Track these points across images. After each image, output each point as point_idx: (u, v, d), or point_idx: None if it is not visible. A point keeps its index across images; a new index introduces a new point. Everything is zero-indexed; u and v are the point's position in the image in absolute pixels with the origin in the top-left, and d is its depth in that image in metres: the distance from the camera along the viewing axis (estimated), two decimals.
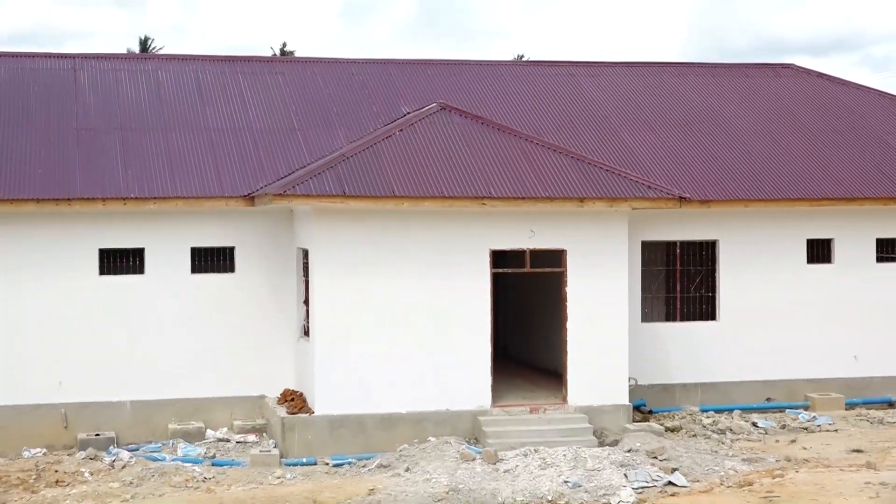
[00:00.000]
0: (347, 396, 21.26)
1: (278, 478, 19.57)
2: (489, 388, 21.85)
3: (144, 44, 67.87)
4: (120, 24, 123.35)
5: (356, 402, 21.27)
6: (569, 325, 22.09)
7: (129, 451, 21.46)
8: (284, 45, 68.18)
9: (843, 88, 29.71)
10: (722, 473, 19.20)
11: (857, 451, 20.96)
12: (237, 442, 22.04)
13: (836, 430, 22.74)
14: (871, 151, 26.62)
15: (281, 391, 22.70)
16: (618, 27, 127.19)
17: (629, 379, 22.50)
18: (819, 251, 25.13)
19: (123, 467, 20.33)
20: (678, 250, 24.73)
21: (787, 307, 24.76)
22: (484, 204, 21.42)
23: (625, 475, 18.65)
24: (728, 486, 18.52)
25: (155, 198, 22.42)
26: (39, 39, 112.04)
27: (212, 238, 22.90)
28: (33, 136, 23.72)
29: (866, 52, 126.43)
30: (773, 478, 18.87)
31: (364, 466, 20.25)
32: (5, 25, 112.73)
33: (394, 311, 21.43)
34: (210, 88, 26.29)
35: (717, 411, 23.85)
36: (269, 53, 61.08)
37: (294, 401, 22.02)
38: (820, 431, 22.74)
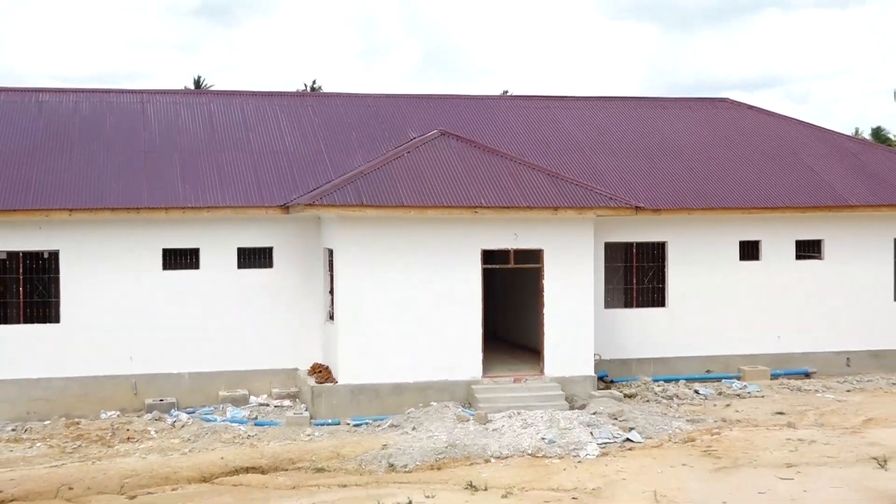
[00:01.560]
0: (365, 369, 21.26)
1: (308, 435, 19.72)
2: (480, 363, 21.80)
3: (198, 82, 67.88)
4: (179, 67, 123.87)
5: (372, 373, 21.26)
6: (545, 311, 22.05)
7: (187, 413, 21.69)
8: (315, 82, 68.15)
9: (769, 118, 29.65)
10: (670, 432, 19.30)
11: (780, 413, 21.08)
12: (275, 406, 22.03)
13: (762, 397, 22.84)
14: (791, 169, 26.53)
15: (310, 365, 22.63)
16: (587, 67, 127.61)
17: (594, 354, 22.45)
18: (749, 250, 25.09)
19: (182, 427, 20.56)
20: (634, 250, 24.69)
21: (723, 296, 24.76)
22: (476, 212, 21.40)
23: (591, 433, 18.72)
24: (675, 442, 18.67)
25: (208, 207, 22.40)
26: (115, 78, 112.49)
27: (254, 240, 22.87)
28: (109, 158, 23.70)
29: (788, 88, 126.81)
30: (712, 435, 19.09)
31: (378, 426, 20.30)
32: (88, 68, 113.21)
33: (402, 300, 21.40)
34: (252, 118, 26.24)
35: (666, 381, 23.80)
36: (301, 89, 60.82)
37: (321, 372, 22.01)
38: (750, 397, 22.79)
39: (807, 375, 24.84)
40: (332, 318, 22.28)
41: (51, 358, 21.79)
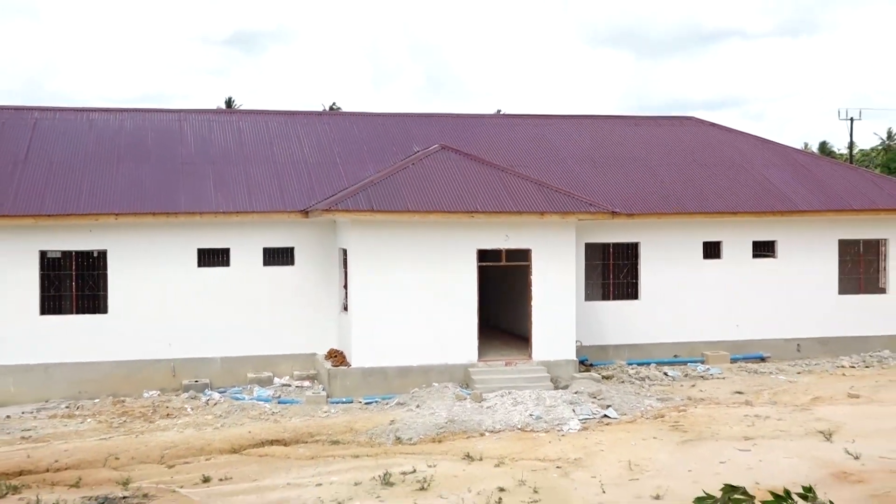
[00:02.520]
0: (375, 354, 21.21)
1: (325, 412, 19.76)
2: (476, 348, 21.76)
3: (229, 102, 67.75)
4: (211, 89, 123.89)
5: (381, 357, 21.21)
6: (533, 303, 21.99)
7: (218, 393, 21.67)
8: (334, 103, 68.08)
9: (729, 134, 29.58)
10: (642, 409, 19.36)
11: (739, 392, 21.13)
12: (296, 386, 21.99)
13: (723, 378, 22.83)
14: (748, 179, 26.48)
15: (327, 350, 22.55)
16: (570, 89, 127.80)
17: (576, 341, 22.39)
18: (711, 250, 25.04)
19: (215, 404, 20.61)
20: (611, 249, 24.63)
21: (688, 290, 24.69)
22: (472, 216, 21.38)
23: (573, 410, 18.80)
24: (647, 418, 18.74)
25: (237, 212, 22.37)
26: (156, 99, 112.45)
27: (278, 241, 22.81)
28: (151, 169, 23.65)
29: (746, 108, 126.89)
30: (679, 412, 19.16)
31: (387, 404, 20.30)
32: (133, 90, 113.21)
33: (408, 293, 21.35)
34: (276, 134, 26.17)
35: (639, 364, 23.76)
36: (320, 108, 60.73)
37: (336, 357, 21.97)
38: (712, 379, 22.78)
39: (762, 359, 24.83)
40: (346, 309, 22.24)
41: (99, 344, 21.74)
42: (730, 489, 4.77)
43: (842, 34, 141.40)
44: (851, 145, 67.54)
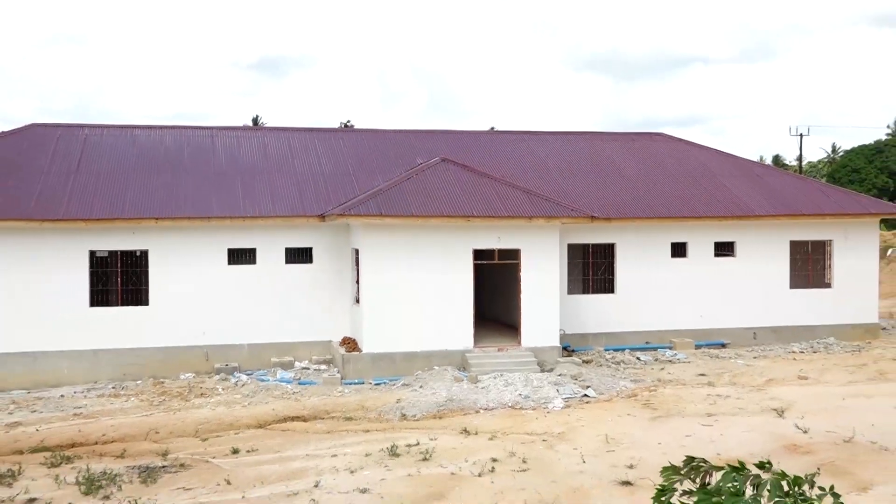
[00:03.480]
0: (383, 341, 21.20)
1: (339, 392, 19.77)
2: (472, 336, 21.75)
3: (255, 120, 67.72)
4: (240, 108, 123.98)
5: (388, 344, 21.20)
6: (522, 296, 22.00)
7: (246, 375, 21.62)
8: (348, 121, 68.09)
9: (694, 148, 29.59)
10: (618, 389, 19.33)
11: (702, 375, 21.14)
12: (314, 369, 22.02)
13: (689, 362, 22.86)
14: (711, 187, 26.50)
15: (341, 337, 22.57)
16: (555, 108, 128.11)
17: (560, 330, 22.40)
18: (678, 250, 25.04)
19: (243, 385, 20.61)
20: (590, 249, 24.63)
21: (658, 285, 24.71)
22: (469, 220, 21.36)
23: (557, 390, 18.80)
24: (621, 397, 18.72)
25: (263, 216, 22.39)
26: (191, 117, 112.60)
27: (298, 241, 22.80)
28: (186, 178, 23.67)
29: (709, 125, 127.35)
30: (650, 392, 19.16)
31: (393, 385, 20.27)
32: (171, 108, 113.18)
33: (412, 287, 21.34)
34: (297, 148, 26.14)
35: (615, 350, 23.78)
36: (335, 126, 60.74)
37: (349, 344, 21.97)
38: (679, 363, 22.80)
39: (723, 346, 24.85)
40: (357, 302, 22.23)
41: (142, 332, 21.80)
42: (691, 460, 4.77)
43: (793, 60, 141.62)
44: (801, 158, 67.57)
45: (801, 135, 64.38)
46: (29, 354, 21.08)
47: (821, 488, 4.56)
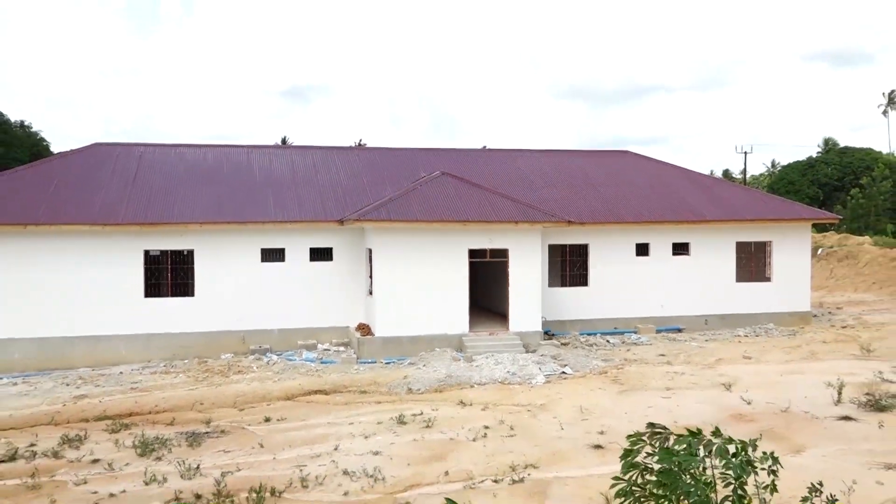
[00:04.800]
0: (392, 326, 21.16)
1: (355, 370, 19.70)
2: (467, 322, 21.71)
3: (284, 140, 67.68)
4: (271, 129, 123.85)
5: (397, 329, 21.17)
6: (510, 289, 21.98)
7: (276, 355, 21.56)
8: (361, 139, 68.00)
9: (656, 164, 29.54)
10: (591, 367, 19.27)
11: (662, 355, 21.05)
12: (334, 350, 21.96)
13: (650, 345, 22.76)
14: (669, 197, 26.45)
15: (357, 323, 22.52)
16: (538, 129, 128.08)
17: (542, 317, 22.37)
18: (642, 249, 24.98)
19: (274, 364, 20.54)
20: (567, 249, 24.59)
21: (625, 279, 24.65)
22: (465, 224, 21.33)
23: (539, 368, 18.76)
24: (594, 374, 18.65)
25: (290, 221, 22.30)
26: (229, 137, 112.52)
27: (320, 242, 22.72)
28: (226, 189, 23.63)
29: (669, 144, 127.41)
30: (618, 369, 19.10)
31: (401, 364, 20.26)
32: (212, 129, 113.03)
33: (417, 281, 21.30)
34: (319, 164, 26.06)
35: (588, 335, 23.76)
36: (351, 144, 60.71)
37: (364, 329, 21.93)
38: (642, 345, 22.69)
39: (679, 331, 24.76)
40: (371, 293, 22.16)
41: (188, 319, 21.70)
42: (652, 426, 4.76)
43: (740, 88, 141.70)
44: (745, 172, 67.46)
45: (745, 152, 64.31)
46: (93, 338, 21.07)
47: (763, 453, 4.56)
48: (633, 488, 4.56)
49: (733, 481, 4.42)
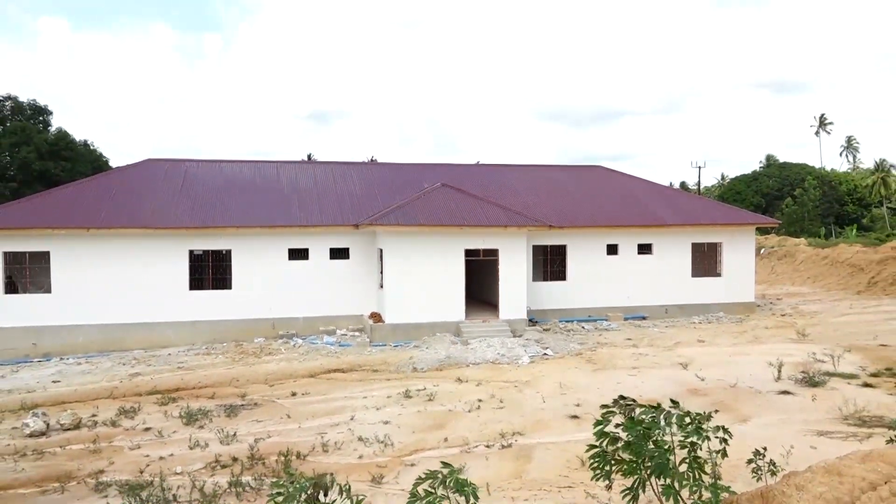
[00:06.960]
0: (400, 315, 21.04)
1: (368, 352, 19.69)
2: (463, 311, 21.60)
3: (309, 156, 67.50)
4: (297, 147, 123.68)
5: (404, 317, 21.05)
6: (500, 283, 21.89)
7: (301, 339, 21.50)
8: (373, 156, 67.89)
9: (624, 177, 29.45)
10: (568, 349, 19.28)
11: (629, 339, 21.09)
12: (350, 335, 21.90)
13: (619, 331, 22.72)
14: (635, 204, 26.34)
15: (370, 312, 22.41)
16: (523, 147, 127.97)
17: (527, 307, 22.33)
18: (612, 249, 24.89)
19: (299, 347, 20.58)
20: (549, 248, 24.53)
21: (597, 275, 24.56)
22: (462, 228, 21.21)
23: (525, 350, 18.80)
24: (571, 355, 18.67)
25: (314, 225, 22.19)
26: (262, 154, 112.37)
27: (339, 243, 22.60)
28: (259, 198, 23.48)
29: (635, 160, 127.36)
30: (591, 351, 19.12)
31: (407, 347, 20.23)
32: (247, 147, 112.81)
33: (421, 276, 21.16)
34: (338, 176, 25.95)
35: (567, 322, 23.67)
36: (365, 160, 60.56)
37: (376, 316, 21.85)
38: (612, 331, 22.65)
39: (643, 319, 24.72)
40: (382, 286, 22.05)
41: (226, 308, 21.63)
42: (622, 399, 4.77)
43: (695, 112, 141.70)
44: (699, 184, 67.40)
45: (699, 167, 64.25)
46: (146, 325, 21.02)
47: (716, 426, 4.56)
48: (605, 453, 4.56)
49: (688, 446, 4.42)
